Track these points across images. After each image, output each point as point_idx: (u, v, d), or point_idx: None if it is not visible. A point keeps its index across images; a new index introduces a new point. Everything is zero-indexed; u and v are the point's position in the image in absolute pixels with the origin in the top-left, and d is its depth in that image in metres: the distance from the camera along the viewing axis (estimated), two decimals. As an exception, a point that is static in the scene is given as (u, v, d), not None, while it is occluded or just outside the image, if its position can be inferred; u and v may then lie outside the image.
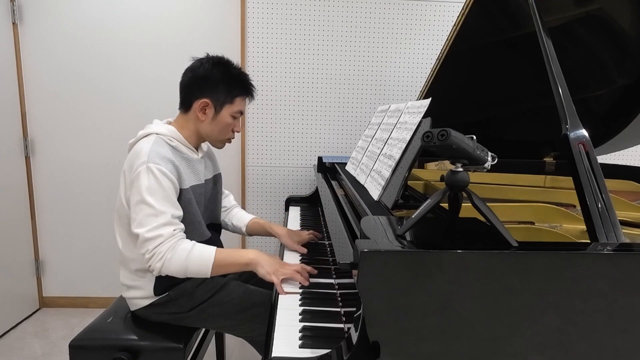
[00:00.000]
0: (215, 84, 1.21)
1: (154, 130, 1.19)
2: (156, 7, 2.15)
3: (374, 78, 2.29)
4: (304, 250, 1.32)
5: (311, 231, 1.43)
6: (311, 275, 1.11)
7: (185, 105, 1.25)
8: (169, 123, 1.27)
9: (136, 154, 1.13)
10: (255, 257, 1.12)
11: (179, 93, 1.26)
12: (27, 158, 2.24)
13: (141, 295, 1.22)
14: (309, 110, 2.31)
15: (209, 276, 1.11)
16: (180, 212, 1.13)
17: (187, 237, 1.13)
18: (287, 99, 2.28)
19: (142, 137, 1.19)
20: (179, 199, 1.16)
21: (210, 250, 1.11)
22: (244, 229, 1.50)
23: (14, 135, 2.16)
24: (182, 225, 1.13)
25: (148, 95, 2.23)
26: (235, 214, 1.54)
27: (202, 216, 1.27)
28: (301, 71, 2.26)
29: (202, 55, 1.26)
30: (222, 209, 1.52)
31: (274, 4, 2.18)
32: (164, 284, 1.21)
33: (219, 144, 1.31)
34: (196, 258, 1.09)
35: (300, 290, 1.05)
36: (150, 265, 1.09)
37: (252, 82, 1.28)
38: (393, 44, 2.26)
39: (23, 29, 2.13)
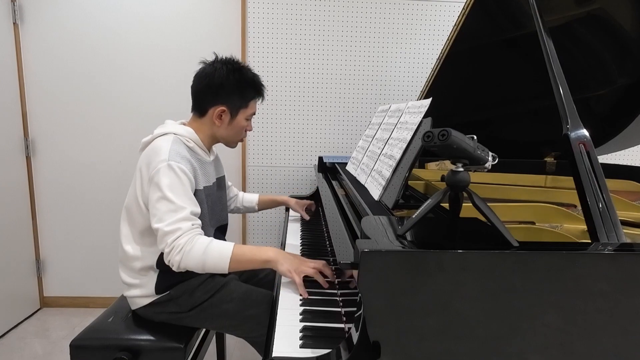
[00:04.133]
0: (230, 92, 1.23)
1: (172, 130, 1.21)
2: (156, 8, 2.15)
3: (374, 78, 2.29)
4: (307, 217, 1.67)
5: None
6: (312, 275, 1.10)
7: (200, 110, 1.27)
8: (183, 124, 1.28)
9: (155, 152, 1.14)
10: (275, 254, 1.09)
11: (190, 96, 1.28)
12: (28, 158, 2.24)
13: (142, 293, 1.22)
14: (309, 111, 2.31)
15: (227, 272, 1.09)
16: (198, 210, 1.14)
17: None
18: (287, 99, 2.29)
19: (160, 136, 1.20)
20: None
21: (228, 246, 1.10)
22: (256, 207, 1.69)
23: (14, 135, 2.16)
24: (200, 222, 1.13)
25: (148, 95, 2.23)
26: (243, 197, 1.69)
27: (209, 218, 1.28)
28: (301, 71, 2.26)
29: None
30: (232, 198, 1.65)
31: (275, 4, 2.18)
32: (165, 282, 1.21)
33: (233, 144, 1.35)
34: (214, 252, 1.07)
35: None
36: (169, 260, 1.08)
37: (263, 83, 1.31)
38: (393, 44, 2.26)
39: (24, 29, 2.13)
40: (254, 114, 1.32)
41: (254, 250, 1.11)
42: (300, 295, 1.02)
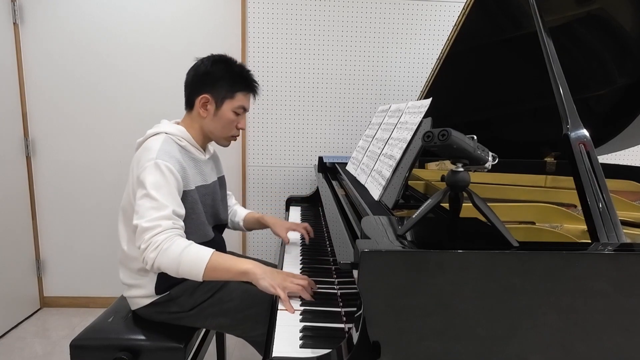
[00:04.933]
0: (215, 80, 1.22)
1: (164, 129, 1.21)
2: (156, 9, 2.15)
3: (374, 78, 2.29)
4: (288, 241, 1.43)
5: (305, 224, 1.46)
6: (312, 277, 1.10)
7: (189, 103, 1.27)
8: (177, 123, 1.28)
9: (145, 151, 1.14)
10: (254, 267, 1.03)
11: (183, 93, 1.28)
12: (28, 158, 2.24)
13: (142, 294, 1.22)
14: (309, 111, 2.31)
15: (200, 279, 1.03)
16: (182, 211, 1.12)
17: (189, 238, 1.11)
18: (287, 99, 2.29)
19: (151, 136, 1.20)
20: (184, 200, 1.16)
21: (206, 251, 1.05)
22: (242, 224, 1.54)
23: (14, 135, 2.16)
24: (182, 223, 1.11)
25: (148, 95, 2.23)
26: (235, 212, 1.57)
27: (207, 217, 1.27)
28: (302, 71, 2.26)
29: (204, 55, 1.27)
30: (230, 207, 1.56)
31: (275, 4, 2.18)
32: (166, 283, 1.21)
33: (224, 141, 1.31)
34: (190, 256, 1.03)
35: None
36: (144, 257, 1.04)
37: (254, 78, 1.29)
38: (394, 44, 2.26)
39: (24, 29, 2.13)
40: (245, 109, 1.28)
41: (233, 260, 1.06)
42: (302, 297, 1.01)
